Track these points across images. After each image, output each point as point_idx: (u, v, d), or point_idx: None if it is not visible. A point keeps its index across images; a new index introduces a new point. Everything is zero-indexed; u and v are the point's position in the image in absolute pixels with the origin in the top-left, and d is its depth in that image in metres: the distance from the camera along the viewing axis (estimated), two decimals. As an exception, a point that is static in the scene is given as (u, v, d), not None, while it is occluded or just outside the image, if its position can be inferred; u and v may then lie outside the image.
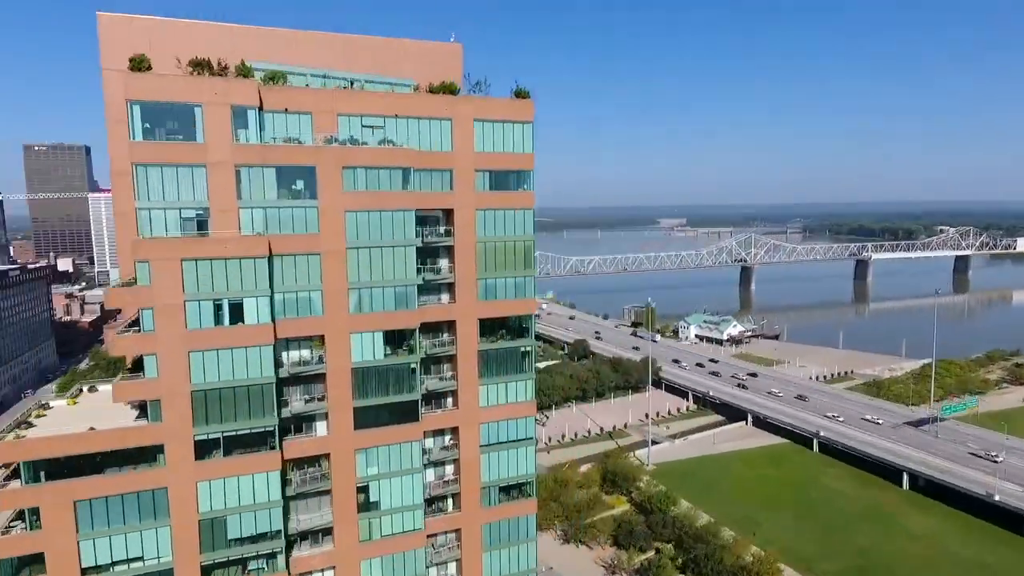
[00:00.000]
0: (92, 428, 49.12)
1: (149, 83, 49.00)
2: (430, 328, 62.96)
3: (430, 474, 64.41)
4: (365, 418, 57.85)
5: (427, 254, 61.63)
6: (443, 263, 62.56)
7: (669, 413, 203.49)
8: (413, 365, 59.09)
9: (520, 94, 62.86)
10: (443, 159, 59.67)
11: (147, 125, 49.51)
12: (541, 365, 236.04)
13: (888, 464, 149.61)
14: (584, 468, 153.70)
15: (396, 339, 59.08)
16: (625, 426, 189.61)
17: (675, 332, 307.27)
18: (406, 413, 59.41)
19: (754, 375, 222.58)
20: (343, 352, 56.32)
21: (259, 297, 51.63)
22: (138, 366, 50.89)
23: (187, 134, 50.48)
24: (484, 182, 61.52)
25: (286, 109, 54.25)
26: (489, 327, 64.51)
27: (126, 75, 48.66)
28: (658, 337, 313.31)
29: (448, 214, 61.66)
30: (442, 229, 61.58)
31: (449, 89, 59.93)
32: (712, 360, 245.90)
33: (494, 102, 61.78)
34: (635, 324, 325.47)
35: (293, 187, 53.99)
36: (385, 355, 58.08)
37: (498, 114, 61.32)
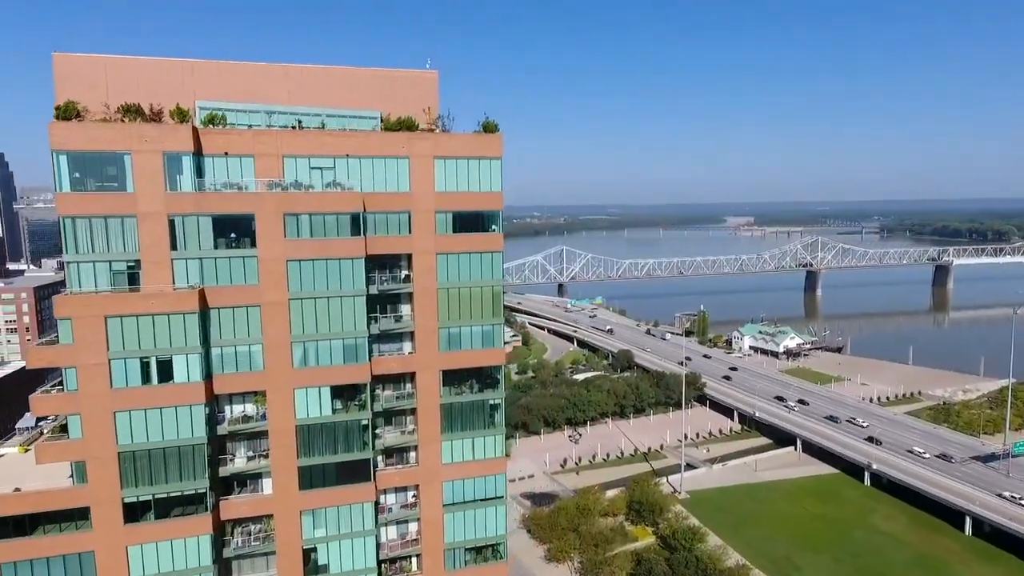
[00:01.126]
0: (17, 489, 47.86)
1: (74, 132, 47.05)
2: (392, 379, 59.16)
3: (392, 532, 60.67)
4: (312, 477, 54.62)
5: (387, 300, 57.77)
6: (405, 310, 58.53)
7: (710, 434, 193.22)
8: (364, 422, 55.38)
9: (488, 128, 57.98)
10: (400, 201, 55.56)
11: (76, 175, 47.61)
12: (580, 377, 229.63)
13: (948, 505, 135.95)
14: (612, 493, 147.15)
15: (347, 394, 55.47)
16: (661, 447, 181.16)
17: (728, 343, 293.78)
18: (357, 472, 55.79)
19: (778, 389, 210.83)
20: (287, 408, 53.19)
21: (189, 354, 49.05)
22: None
23: (120, 183, 48.29)
24: (446, 224, 57.00)
25: (226, 153, 51.36)
26: (456, 378, 60.06)
27: (50, 124, 46.84)
28: (668, 335, 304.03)
29: (411, 257, 57.52)
30: (403, 274, 57.55)
31: (406, 125, 55.70)
32: (732, 369, 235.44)
33: (457, 138, 57.12)
34: (687, 333, 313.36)
35: (231, 236, 51.11)
36: (334, 411, 54.61)
37: (462, 151, 56.66)
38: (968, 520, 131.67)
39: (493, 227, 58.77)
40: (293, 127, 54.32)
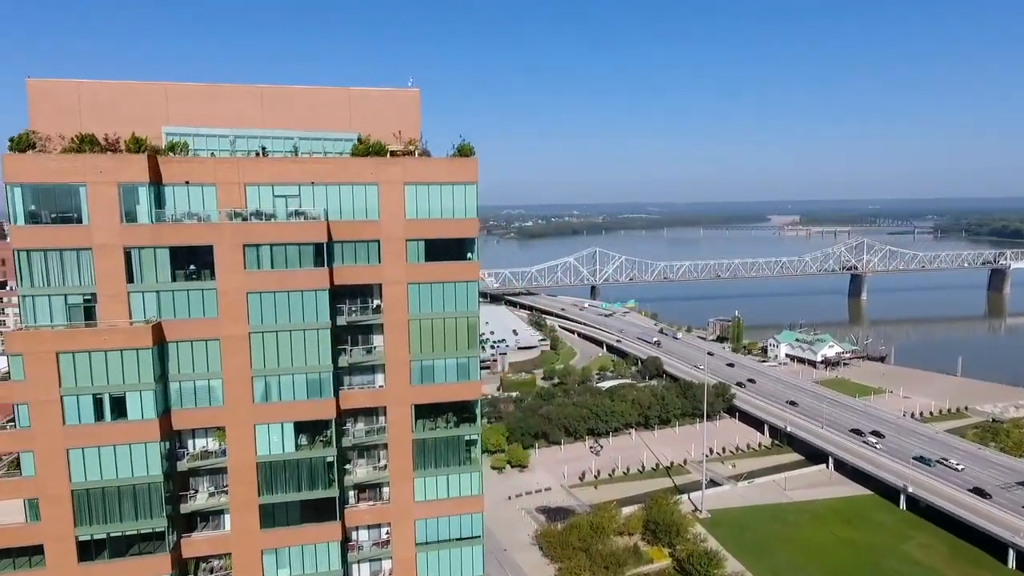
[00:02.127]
0: (-27, 525, 47.42)
1: (28, 164, 46.16)
2: (365, 411, 57.02)
3: (364, 570, 58.57)
4: (275, 515, 52.93)
5: (359, 331, 55.61)
6: (378, 340, 56.23)
7: (737, 449, 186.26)
8: (330, 459, 53.36)
9: (464, 151, 55.16)
10: (368, 229, 53.25)
11: (32, 208, 46.75)
12: (605, 385, 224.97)
13: (991, 535, 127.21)
14: (629, 510, 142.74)
15: (312, 429, 53.55)
16: (684, 462, 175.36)
17: (764, 350, 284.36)
18: (323, 510, 53.84)
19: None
20: (247, 444, 51.58)
21: (143, 391, 47.77)
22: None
23: (75, 215, 47.30)
24: (418, 252, 54.44)
25: (187, 181, 49.86)
26: (431, 412, 57.56)
27: (4, 156, 46.04)
28: (680, 334, 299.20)
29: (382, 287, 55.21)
30: (375, 303, 55.27)
31: (375, 150, 53.32)
32: (750, 380, 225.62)
33: (429, 163, 54.48)
34: (720, 339, 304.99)
35: (190, 268, 49.66)
36: (297, 447, 52.73)
37: (434, 176, 53.99)
38: (1012, 553, 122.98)
39: (469, 255, 55.98)
40: (257, 153, 52.52)
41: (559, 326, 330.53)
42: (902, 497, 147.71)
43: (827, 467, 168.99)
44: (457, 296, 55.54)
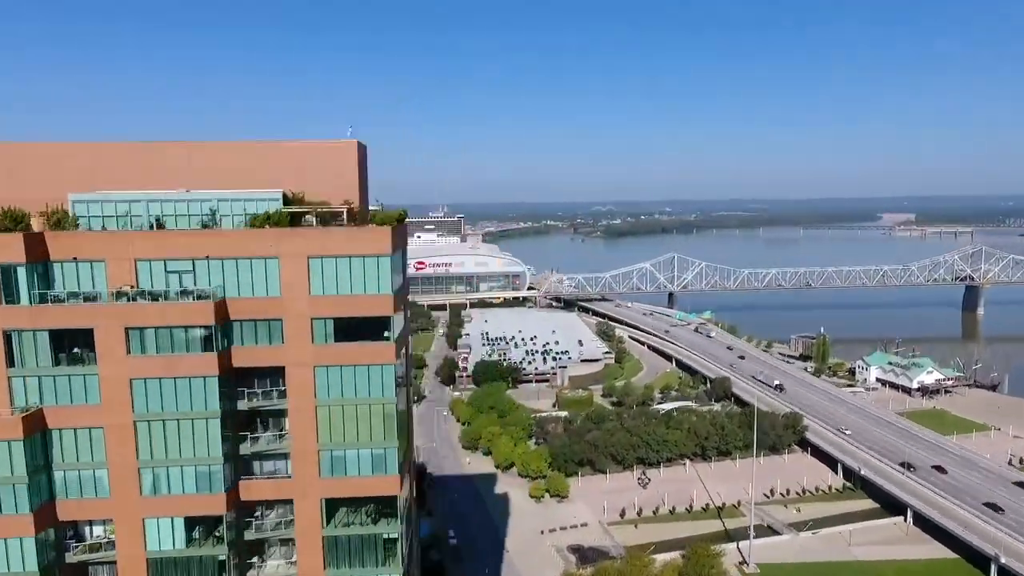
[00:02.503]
0: None
1: None
2: (280, 500, 52.28)
3: (278, 671, 53.92)
4: (165, 616, 49.13)
5: (268, 415, 51.02)
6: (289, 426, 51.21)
7: (804, 491, 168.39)
8: (221, 557, 48.96)
9: (379, 220, 49.01)
10: (269, 306, 48.35)
11: (-88, 291, 45.09)
12: (664, 407, 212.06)
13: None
14: (666, 558, 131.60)
15: (211, 522, 49.34)
16: (738, 503, 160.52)
17: (851, 372, 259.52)
18: (218, 611, 49.56)
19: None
20: (135, 539, 48.17)
21: (16, 484, 45.12)
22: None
23: (-43, 297, 45.26)
24: (325, 332, 48.84)
25: (75, 258, 46.75)
26: (348, 504, 51.98)
27: None
28: (714, 333, 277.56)
29: (289, 368, 50.15)
30: (282, 387, 50.27)
31: (275, 221, 48.17)
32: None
33: (337, 234, 48.74)
34: (803, 357, 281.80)
35: (73, 351, 46.53)
36: (190, 542, 48.76)
37: (340, 248, 48.28)
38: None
39: (386, 334, 49.75)
40: (151, 225, 48.68)
41: (628, 336, 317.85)
42: (993, 567, 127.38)
43: (904, 520, 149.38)
44: (371, 380, 49.65)
